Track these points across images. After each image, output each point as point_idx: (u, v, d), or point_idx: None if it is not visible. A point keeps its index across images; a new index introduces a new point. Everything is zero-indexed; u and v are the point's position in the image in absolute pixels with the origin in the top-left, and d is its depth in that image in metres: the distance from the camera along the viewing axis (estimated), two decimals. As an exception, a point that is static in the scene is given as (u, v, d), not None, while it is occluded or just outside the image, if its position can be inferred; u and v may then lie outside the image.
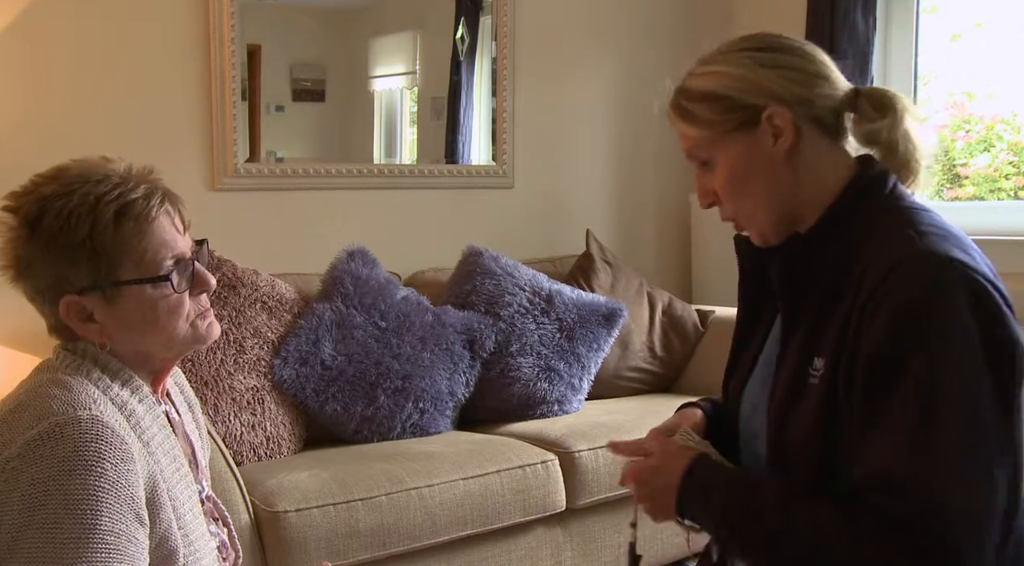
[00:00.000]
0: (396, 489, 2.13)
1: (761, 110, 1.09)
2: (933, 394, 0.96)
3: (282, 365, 2.46)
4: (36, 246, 1.13)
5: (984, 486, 0.96)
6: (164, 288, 1.17)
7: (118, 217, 1.13)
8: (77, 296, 1.14)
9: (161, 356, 1.22)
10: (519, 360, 2.71)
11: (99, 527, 1.06)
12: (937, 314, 0.98)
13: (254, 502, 2.04)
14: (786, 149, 1.09)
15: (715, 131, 1.12)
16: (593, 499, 2.42)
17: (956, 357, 0.97)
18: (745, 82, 1.09)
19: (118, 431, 1.10)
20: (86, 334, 1.17)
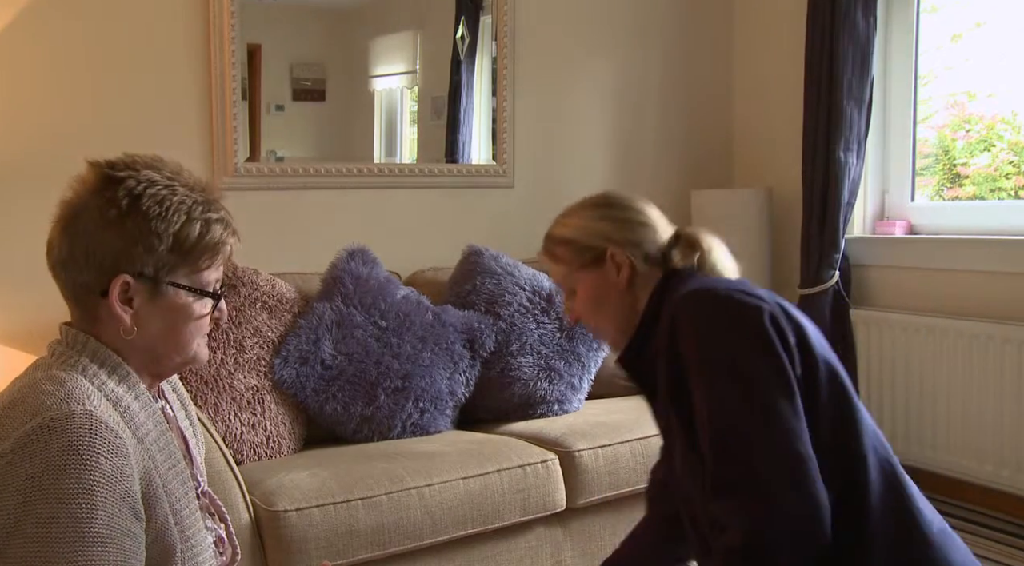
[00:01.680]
0: (396, 488, 2.13)
1: (604, 251, 1.43)
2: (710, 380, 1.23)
3: (282, 364, 2.46)
4: (129, 218, 1.15)
5: (777, 434, 1.17)
6: (204, 305, 1.23)
7: (203, 231, 1.19)
8: (132, 278, 1.16)
9: (166, 363, 1.24)
10: (519, 359, 2.71)
11: (95, 521, 1.06)
12: (693, 327, 1.27)
13: (254, 501, 2.04)
14: (626, 279, 1.43)
15: (573, 267, 1.46)
16: (593, 498, 2.42)
17: (713, 348, 1.25)
18: (589, 230, 1.45)
19: (112, 426, 1.10)
20: (119, 316, 1.17)
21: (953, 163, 3.37)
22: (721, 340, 1.24)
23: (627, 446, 2.47)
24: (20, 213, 2.22)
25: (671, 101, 3.73)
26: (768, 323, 1.24)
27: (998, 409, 2.91)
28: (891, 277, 3.32)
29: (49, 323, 1.30)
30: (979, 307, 3.01)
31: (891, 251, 3.31)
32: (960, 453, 3.01)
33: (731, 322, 1.25)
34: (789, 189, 3.51)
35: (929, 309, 3.16)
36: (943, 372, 3.05)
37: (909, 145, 3.37)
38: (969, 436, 2.99)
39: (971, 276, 3.06)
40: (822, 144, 3.23)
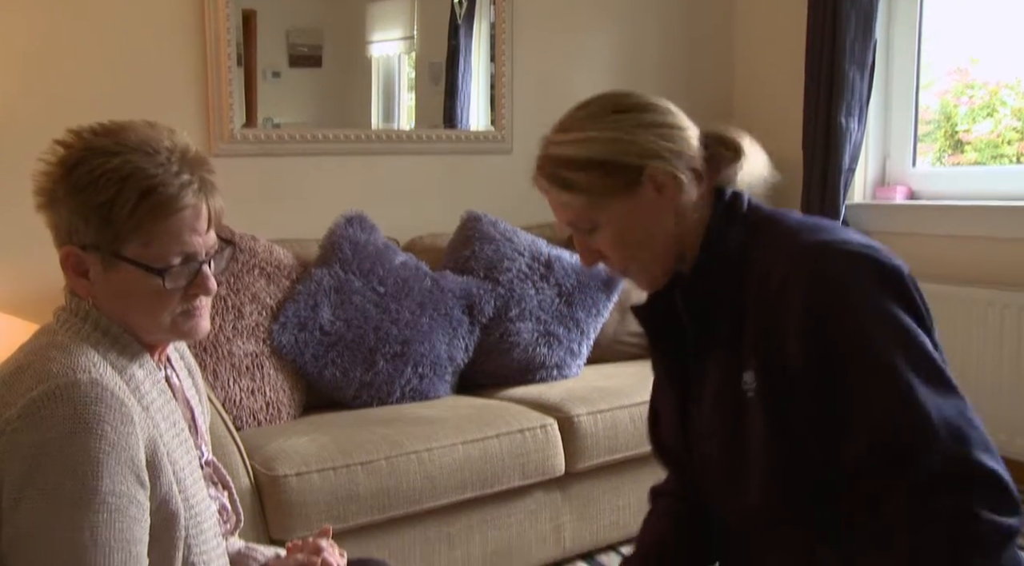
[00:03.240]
0: (396, 453, 2.13)
1: (642, 170, 1.13)
2: (879, 359, 1.04)
3: (281, 331, 2.46)
4: (63, 189, 1.13)
5: (959, 402, 1.04)
6: (155, 280, 1.15)
7: (142, 197, 1.12)
8: (79, 250, 1.14)
9: (145, 336, 1.21)
10: (518, 325, 2.71)
11: (100, 488, 1.06)
12: (845, 294, 1.06)
13: (254, 467, 2.05)
14: (671, 201, 1.15)
15: (598, 195, 1.15)
16: (592, 463, 2.43)
17: (878, 321, 1.05)
18: (621, 145, 1.13)
19: (118, 394, 1.09)
20: (76, 286, 1.17)
21: (955, 129, 3.35)
22: (886, 315, 1.05)
23: (626, 411, 2.47)
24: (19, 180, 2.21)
25: (670, 66, 3.70)
26: (911, 284, 1.10)
27: (997, 374, 2.91)
28: (891, 243, 3.27)
29: (49, 291, 1.29)
30: (979, 273, 3.01)
31: (891, 217, 3.30)
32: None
33: (887, 289, 1.07)
34: (789, 155, 3.49)
35: (929, 275, 3.15)
36: (942, 338, 3.04)
37: (911, 110, 3.34)
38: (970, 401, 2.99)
39: (972, 242, 3.05)
40: (823, 109, 3.20)
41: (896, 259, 1.11)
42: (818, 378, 1.05)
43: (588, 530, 2.48)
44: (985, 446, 1.01)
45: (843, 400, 1.05)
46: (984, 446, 1.01)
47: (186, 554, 1.21)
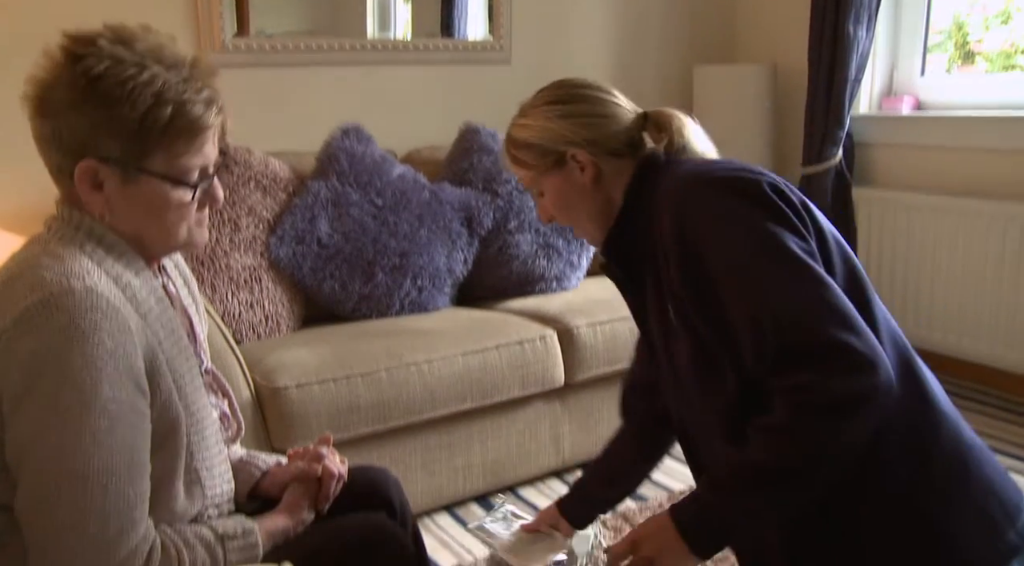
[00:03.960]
0: (395, 364, 2.14)
1: (564, 153, 1.35)
2: (733, 263, 1.16)
3: (278, 244, 2.44)
4: (84, 100, 1.09)
5: (816, 287, 1.12)
6: (183, 193, 1.16)
7: (176, 114, 1.11)
8: (98, 162, 1.11)
9: (154, 248, 1.20)
10: (517, 237, 2.69)
11: (99, 395, 1.06)
12: (698, 214, 1.19)
13: (255, 379, 2.05)
14: (591, 178, 1.35)
15: (537, 171, 1.38)
16: (591, 374, 2.44)
17: (728, 227, 1.17)
18: (548, 133, 1.36)
19: (113, 302, 1.08)
20: (88, 201, 1.14)
21: (966, 39, 3.27)
22: (738, 221, 1.17)
23: (625, 323, 2.47)
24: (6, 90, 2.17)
25: (674, -28, 3.60)
26: (771, 193, 1.19)
27: (998, 287, 2.90)
28: (896, 156, 3.27)
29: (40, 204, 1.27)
30: (983, 185, 2.98)
31: (897, 129, 3.25)
32: (960, 332, 3.03)
33: (741, 200, 1.18)
34: (794, 64, 3.42)
35: (933, 188, 3.12)
36: (945, 251, 3.03)
37: (922, 16, 3.26)
38: (969, 315, 2.99)
39: (978, 154, 3.01)
40: (830, 16, 3.12)
41: (763, 174, 1.22)
42: (699, 296, 1.19)
43: (587, 440, 2.51)
44: (842, 322, 1.09)
45: (720, 310, 1.17)
46: (840, 322, 1.09)
47: (188, 460, 1.21)
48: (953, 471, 1.17)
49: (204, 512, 1.25)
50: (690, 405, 1.32)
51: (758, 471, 1.13)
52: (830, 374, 1.08)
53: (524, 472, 2.42)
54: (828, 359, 1.08)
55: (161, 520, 1.18)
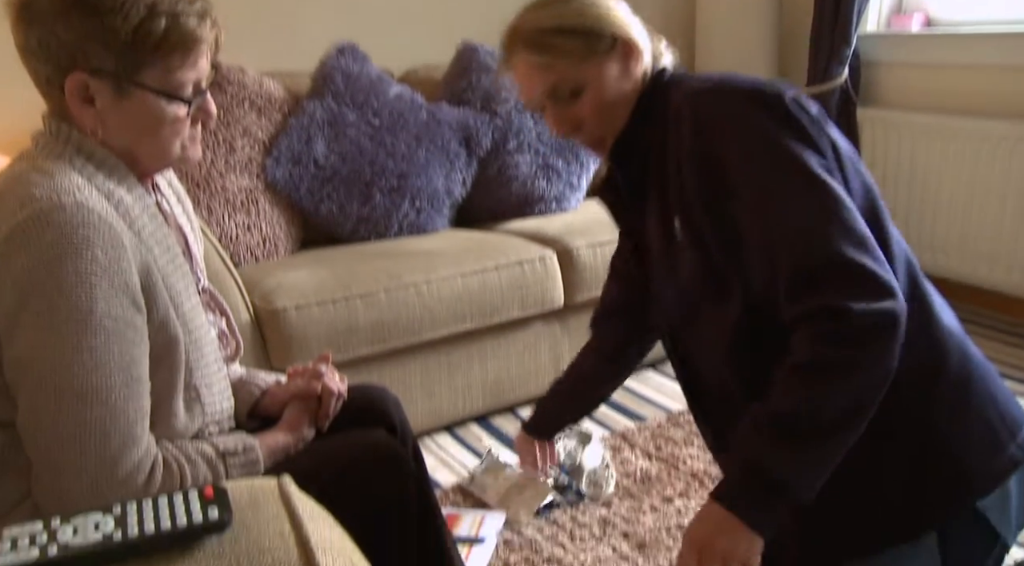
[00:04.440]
0: (394, 285, 2.13)
1: (615, 38, 1.25)
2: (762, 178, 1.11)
3: (274, 165, 2.41)
4: (76, 11, 1.07)
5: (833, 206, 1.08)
6: (178, 108, 1.14)
7: (169, 25, 1.09)
8: (89, 75, 1.09)
9: (147, 164, 1.18)
10: (516, 158, 2.66)
11: (95, 311, 1.05)
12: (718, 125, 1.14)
13: (253, 301, 2.05)
14: (634, 67, 1.26)
15: (580, 58, 1.23)
16: (590, 295, 2.43)
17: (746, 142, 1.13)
18: (598, 16, 1.25)
19: (105, 217, 1.07)
20: (79, 115, 1.12)
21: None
22: (761, 136, 1.11)
23: (626, 244, 2.46)
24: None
25: None
26: (794, 108, 1.13)
27: (1001, 209, 2.88)
28: (904, 75, 3.21)
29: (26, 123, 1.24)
30: (991, 104, 2.93)
31: (906, 47, 3.18)
32: (963, 255, 3.01)
33: (764, 114, 1.12)
34: (800, -19, 3.34)
35: (940, 108, 3.07)
36: (951, 172, 3.00)
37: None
38: (975, 238, 2.97)
39: (988, 71, 2.95)
40: (839, -72, 3.02)
41: (784, 88, 1.16)
42: (713, 207, 1.13)
43: (587, 361, 2.52)
44: (859, 243, 1.05)
45: (733, 226, 1.12)
46: (857, 243, 1.05)
47: (187, 378, 1.21)
48: (959, 386, 1.16)
49: (205, 429, 1.26)
50: (690, 323, 1.27)
51: (797, 419, 1.05)
52: (848, 297, 1.03)
53: (523, 392, 2.43)
54: (845, 281, 1.04)
55: (162, 437, 1.19)
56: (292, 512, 0.70)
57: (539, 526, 1.91)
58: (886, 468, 1.14)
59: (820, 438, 1.04)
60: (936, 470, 1.14)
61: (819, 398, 1.04)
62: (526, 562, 1.80)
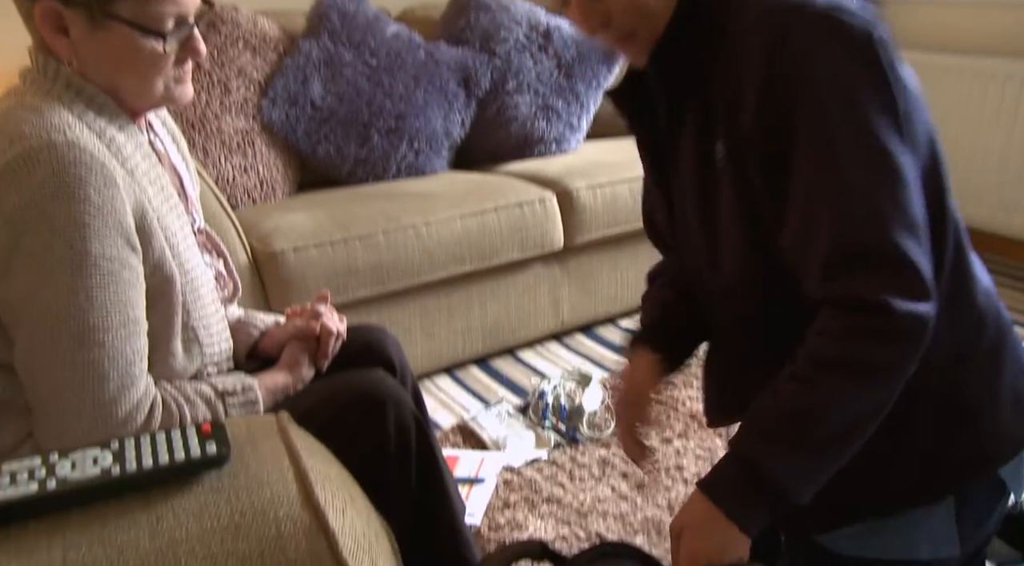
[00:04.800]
0: (393, 227, 2.12)
1: None
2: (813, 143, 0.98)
3: (270, 106, 2.38)
4: None
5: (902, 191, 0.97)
6: (155, 43, 1.10)
7: None
8: (60, 3, 1.06)
9: (132, 102, 1.15)
10: (516, 98, 2.62)
11: (90, 252, 1.04)
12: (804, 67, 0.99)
13: (251, 243, 2.04)
14: None
15: None
16: (590, 237, 2.42)
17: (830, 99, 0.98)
18: None
19: (97, 156, 1.05)
20: (55, 46, 1.09)
21: None
22: (842, 85, 0.98)
23: (626, 185, 2.44)
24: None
25: None
26: (881, 52, 1.00)
27: (1006, 150, 2.85)
28: (901, 13, 3.15)
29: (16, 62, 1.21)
30: (997, 43, 2.88)
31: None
32: (969, 197, 2.99)
33: (850, 58, 0.98)
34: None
35: (944, 47, 3.02)
36: (954, 113, 2.96)
37: None
38: (981, 179, 2.95)
39: (989, 8, 2.89)
40: None
41: (871, 21, 1.02)
42: (768, 152, 1.01)
43: (586, 303, 2.51)
44: (910, 226, 0.96)
45: (784, 175, 1.01)
46: (908, 225, 0.96)
47: (185, 319, 1.21)
48: (993, 354, 1.12)
49: (203, 370, 1.26)
50: (720, 264, 1.13)
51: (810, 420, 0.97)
52: (890, 291, 0.94)
53: (523, 335, 2.43)
54: (889, 272, 0.95)
55: (160, 378, 1.19)
56: (291, 447, 0.70)
57: (539, 467, 1.93)
58: (919, 431, 1.10)
59: (830, 444, 0.98)
60: (965, 436, 1.10)
61: (838, 399, 0.97)
62: (526, 502, 1.82)
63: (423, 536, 1.35)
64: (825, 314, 0.99)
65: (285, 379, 1.32)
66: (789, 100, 0.99)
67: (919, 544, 1.15)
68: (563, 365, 2.37)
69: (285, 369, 1.33)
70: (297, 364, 1.34)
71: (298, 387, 1.33)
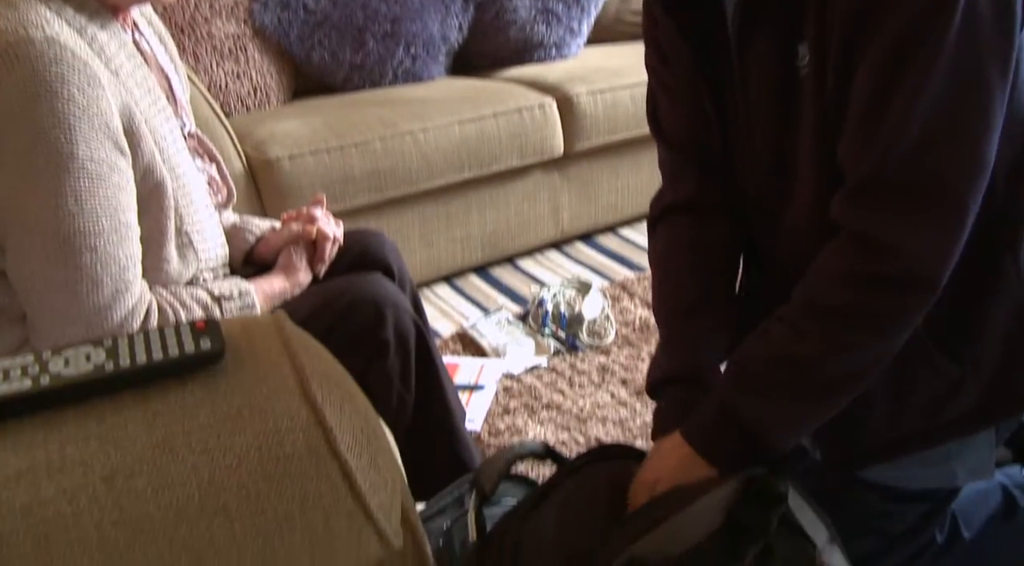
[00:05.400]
0: (390, 134, 2.08)
1: None
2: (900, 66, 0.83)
3: (262, 10, 2.31)
4: None
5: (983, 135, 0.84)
6: None
7: None
8: None
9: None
10: (515, 1, 2.54)
11: (76, 154, 1.02)
12: None
13: (246, 151, 2.01)
14: None
15: None
16: (591, 144, 2.38)
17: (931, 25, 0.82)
18: None
19: (79, 54, 1.01)
20: None
21: None
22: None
23: (627, 91, 2.39)
24: None
25: None
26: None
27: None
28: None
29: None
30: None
31: None
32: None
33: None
34: None
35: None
36: None
37: None
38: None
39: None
40: None
41: None
42: (854, 60, 0.87)
43: (587, 211, 2.49)
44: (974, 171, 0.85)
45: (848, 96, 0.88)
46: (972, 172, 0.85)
47: (178, 224, 1.19)
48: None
49: (199, 276, 1.24)
50: (793, 195, 0.99)
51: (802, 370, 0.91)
52: (921, 239, 0.85)
53: (523, 243, 2.42)
54: (931, 214, 0.85)
55: (155, 283, 1.18)
56: (287, 344, 0.69)
57: (538, 374, 1.93)
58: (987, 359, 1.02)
59: (821, 393, 0.93)
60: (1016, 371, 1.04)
61: (831, 350, 0.90)
62: (525, 408, 1.83)
63: (424, 440, 1.36)
64: (833, 248, 0.91)
65: (282, 284, 1.31)
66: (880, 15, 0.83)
67: (956, 473, 1.13)
68: (563, 274, 2.36)
69: (282, 274, 1.32)
70: (294, 269, 1.33)
71: (295, 292, 1.32)
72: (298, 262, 1.33)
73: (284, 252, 1.35)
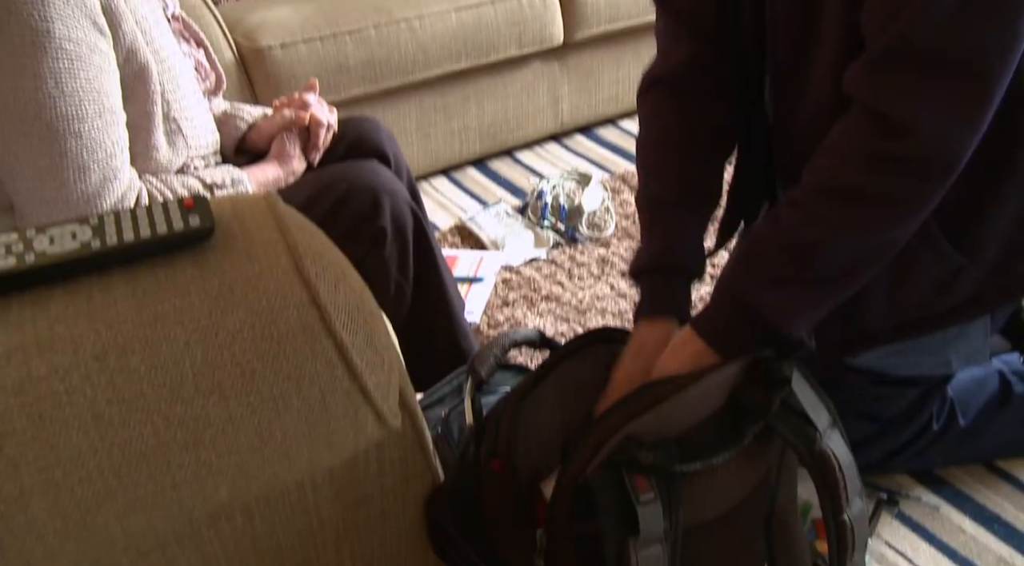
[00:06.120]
0: (385, 21, 2.01)
1: None
2: None
3: None
4: None
5: None
6: None
7: None
8: None
9: None
10: None
11: (53, 33, 0.98)
12: None
13: (236, 39, 1.94)
14: None
15: None
16: (591, 32, 2.30)
17: None
18: None
19: None
20: None
21: None
22: None
23: (629, -24, 2.30)
24: None
25: None
26: None
27: None
28: None
29: None
30: None
31: None
32: None
33: None
34: None
35: None
36: None
37: None
38: None
39: None
40: None
41: None
42: None
43: (587, 103, 2.43)
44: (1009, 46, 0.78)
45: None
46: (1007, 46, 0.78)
47: (165, 110, 1.16)
48: None
49: (190, 164, 1.22)
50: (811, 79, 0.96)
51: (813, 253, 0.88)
52: (946, 116, 0.80)
53: (521, 135, 2.37)
54: (959, 88, 0.79)
55: (145, 172, 1.15)
56: (279, 222, 0.67)
57: (538, 266, 1.92)
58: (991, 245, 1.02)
59: (830, 280, 0.90)
60: None
61: (843, 235, 0.86)
62: (524, 299, 1.82)
63: (423, 330, 1.36)
64: (844, 126, 0.86)
65: (276, 172, 1.28)
66: None
67: (951, 360, 1.13)
68: (562, 166, 2.32)
69: (275, 161, 1.29)
70: (287, 156, 1.30)
71: (289, 180, 1.30)
72: (292, 149, 1.30)
73: (277, 140, 1.32)
